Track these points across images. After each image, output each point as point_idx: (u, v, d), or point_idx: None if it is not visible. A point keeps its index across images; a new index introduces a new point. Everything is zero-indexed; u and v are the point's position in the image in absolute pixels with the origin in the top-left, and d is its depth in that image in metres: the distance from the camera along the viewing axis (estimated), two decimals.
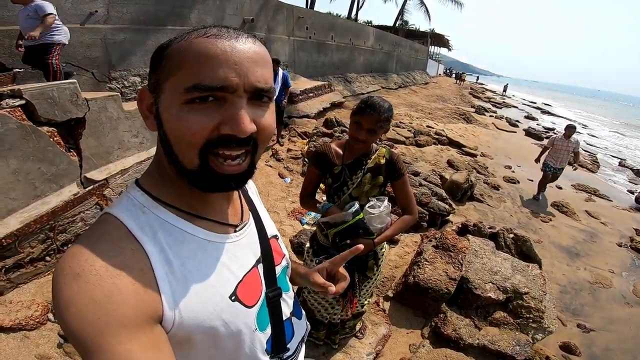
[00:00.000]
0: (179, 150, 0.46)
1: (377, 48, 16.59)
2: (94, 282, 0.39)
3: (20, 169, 2.39)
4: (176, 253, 0.49)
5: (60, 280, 0.40)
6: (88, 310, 0.38)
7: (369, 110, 1.38)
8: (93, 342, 0.37)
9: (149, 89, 0.49)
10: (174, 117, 0.44)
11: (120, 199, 0.52)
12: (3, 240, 2.13)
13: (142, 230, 0.47)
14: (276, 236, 0.75)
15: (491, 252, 2.91)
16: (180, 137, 0.45)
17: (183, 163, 0.47)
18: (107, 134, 3.25)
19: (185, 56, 0.43)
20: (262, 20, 8.51)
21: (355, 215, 1.41)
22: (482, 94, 25.48)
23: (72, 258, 0.41)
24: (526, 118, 17.85)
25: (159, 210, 0.50)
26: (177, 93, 0.44)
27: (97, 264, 0.41)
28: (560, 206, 5.83)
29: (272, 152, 5.44)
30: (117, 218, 0.47)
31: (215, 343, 0.53)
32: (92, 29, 4.82)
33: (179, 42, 0.45)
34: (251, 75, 0.45)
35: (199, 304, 0.49)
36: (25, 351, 1.90)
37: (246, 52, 0.45)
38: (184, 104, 0.44)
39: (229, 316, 0.53)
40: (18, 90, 2.47)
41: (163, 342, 0.44)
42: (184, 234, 0.51)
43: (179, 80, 0.44)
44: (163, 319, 0.45)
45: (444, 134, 8.79)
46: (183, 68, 0.43)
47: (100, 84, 5.05)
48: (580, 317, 3.24)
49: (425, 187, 4.59)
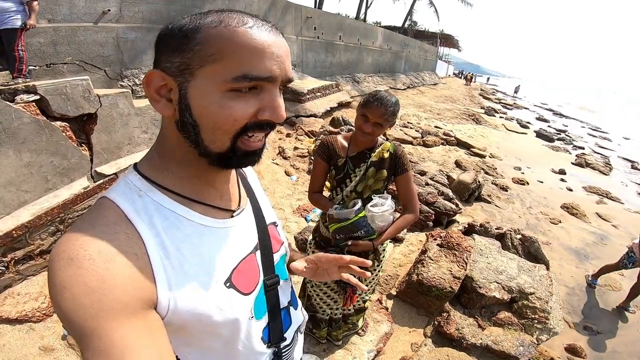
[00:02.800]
0: (212, 135, 0.47)
1: (385, 48, 16.54)
2: (88, 267, 0.39)
3: (33, 162, 2.46)
4: (172, 238, 0.49)
5: (55, 265, 0.40)
6: (82, 295, 0.38)
7: (376, 103, 1.39)
8: (87, 326, 0.37)
9: (169, 72, 0.46)
10: (216, 104, 0.45)
11: (117, 183, 0.51)
12: (14, 232, 2.19)
13: (137, 214, 0.47)
14: (275, 223, 0.74)
15: (497, 251, 2.88)
16: (219, 123, 0.46)
17: (210, 146, 0.48)
18: (117, 130, 3.32)
19: (231, 45, 0.43)
20: (270, 19, 8.50)
21: (357, 213, 1.41)
22: (492, 95, 25.18)
23: (66, 243, 0.41)
24: (537, 120, 17.56)
25: (155, 194, 0.50)
26: (220, 81, 0.44)
27: (91, 249, 0.40)
28: (570, 208, 5.73)
29: (279, 150, 5.47)
30: (114, 202, 0.47)
31: (211, 330, 0.53)
32: (105, 27, 4.92)
33: (216, 28, 0.44)
34: (287, 68, 0.49)
35: (194, 289, 0.49)
36: (30, 342, 1.94)
37: (283, 46, 0.48)
38: (227, 92, 0.45)
39: (224, 303, 0.53)
40: (32, 86, 2.54)
41: (158, 327, 0.43)
42: (180, 219, 0.51)
43: (222, 68, 0.44)
44: (158, 304, 0.45)
45: (452, 134, 8.71)
46: (228, 57, 0.43)
47: (112, 82, 5.15)
48: (587, 320, 3.19)
49: (432, 187, 4.56)
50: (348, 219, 1.41)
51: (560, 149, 10.84)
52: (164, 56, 0.47)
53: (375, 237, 1.46)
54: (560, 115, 21.99)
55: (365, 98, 1.46)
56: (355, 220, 1.41)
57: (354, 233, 1.42)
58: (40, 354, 1.89)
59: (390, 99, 1.42)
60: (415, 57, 21.93)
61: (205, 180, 0.56)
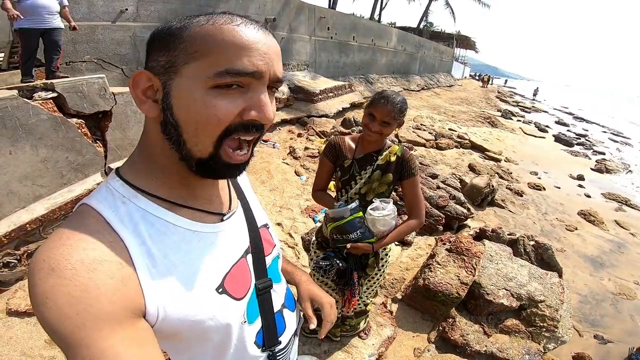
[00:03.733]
0: (194, 136, 0.45)
1: (399, 49, 16.40)
2: (70, 277, 0.38)
3: (49, 157, 2.54)
4: (158, 245, 0.47)
5: (36, 275, 0.38)
6: (66, 305, 0.37)
7: (383, 101, 1.37)
8: (74, 337, 0.37)
9: (153, 72, 0.46)
10: (198, 102, 0.43)
11: (99, 189, 0.49)
12: (28, 225, 2.26)
13: (121, 221, 0.45)
14: (266, 225, 0.72)
15: (508, 258, 2.81)
16: (202, 122, 0.44)
17: (192, 150, 0.46)
18: (131, 127, 3.39)
19: (216, 42, 0.43)
20: (284, 20, 8.62)
21: (352, 212, 1.38)
22: (509, 98, 24.60)
23: (47, 252, 0.40)
24: (557, 123, 17.06)
25: (140, 201, 0.48)
26: (204, 77, 0.43)
27: (73, 258, 0.39)
28: (587, 215, 5.56)
29: (289, 150, 5.49)
30: (95, 209, 0.45)
31: (203, 336, 0.52)
32: (122, 26, 5.04)
33: (203, 26, 0.43)
34: (276, 66, 0.47)
35: (184, 297, 0.48)
36: (36, 336, 1.97)
37: (272, 44, 0.47)
38: (210, 89, 0.43)
39: (216, 309, 0.52)
40: (50, 84, 2.62)
41: (147, 336, 0.43)
42: (167, 225, 0.49)
43: (206, 64, 0.43)
44: (146, 312, 0.44)
45: (466, 137, 8.56)
46: (213, 53, 0.43)
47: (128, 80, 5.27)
48: (599, 328, 3.09)
49: (443, 190, 4.49)
50: (343, 217, 1.39)
51: (580, 154, 10.52)
52: (151, 56, 0.46)
53: (375, 240, 1.44)
54: (581, 119, 21.34)
55: (371, 97, 1.45)
56: (350, 220, 1.38)
57: (348, 234, 1.39)
58: (45, 347, 1.92)
59: (397, 97, 1.40)
60: (431, 59, 21.68)
61: (192, 185, 0.55)
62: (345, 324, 1.99)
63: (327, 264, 1.51)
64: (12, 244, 2.20)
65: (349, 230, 1.39)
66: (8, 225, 2.19)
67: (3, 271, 2.17)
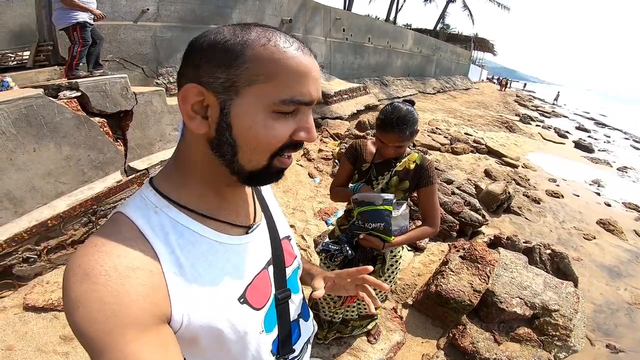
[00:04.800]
0: (250, 154, 0.48)
1: (415, 51, 16.24)
2: (103, 283, 0.39)
3: (71, 155, 2.61)
4: (187, 255, 0.49)
5: (70, 280, 0.40)
6: (96, 310, 0.38)
7: (390, 128, 1.34)
8: (101, 342, 0.38)
9: (210, 88, 0.45)
10: (260, 124, 0.45)
11: (133, 198, 0.51)
12: (49, 221, 2.31)
13: (153, 230, 0.47)
14: (288, 237, 0.74)
15: (523, 266, 2.76)
16: (261, 143, 0.47)
17: (245, 165, 0.49)
18: (151, 127, 3.45)
19: (280, 67, 0.44)
20: (300, 21, 8.65)
21: (385, 203, 1.35)
22: (529, 102, 24.03)
23: (82, 257, 0.41)
24: (577, 129, 16.58)
25: (171, 211, 0.50)
26: (268, 102, 0.45)
27: (107, 265, 0.41)
28: (606, 224, 5.41)
29: (303, 152, 5.50)
30: (129, 218, 0.47)
31: (221, 344, 0.54)
32: (144, 26, 5.14)
33: (266, 47, 0.44)
34: (320, 91, 0.51)
35: (207, 306, 0.49)
36: (52, 331, 1.98)
37: (319, 69, 0.50)
38: (272, 113, 0.46)
39: (237, 319, 0.53)
40: (75, 83, 2.70)
41: (171, 342, 0.44)
42: (195, 235, 0.51)
43: (271, 89, 0.44)
44: (171, 320, 0.45)
45: (483, 142, 8.40)
46: (278, 79, 0.44)
47: (148, 80, 5.38)
48: (612, 338, 3.03)
49: (458, 196, 4.42)
50: (373, 203, 1.35)
51: (601, 161, 10.19)
52: (203, 70, 0.45)
53: (392, 240, 1.42)
54: (603, 125, 20.68)
55: (379, 119, 1.39)
56: (379, 209, 1.34)
57: (374, 223, 1.35)
58: (59, 343, 1.93)
59: (404, 118, 1.33)
60: (447, 61, 21.39)
61: (222, 197, 0.57)
62: (348, 325, 1.97)
63: (337, 249, 1.49)
64: (32, 239, 2.25)
65: (374, 219, 1.35)
66: (29, 221, 2.25)
67: (22, 266, 2.22)
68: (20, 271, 2.22)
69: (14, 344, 1.87)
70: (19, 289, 2.23)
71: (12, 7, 6.24)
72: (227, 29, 0.46)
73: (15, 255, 2.18)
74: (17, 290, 2.22)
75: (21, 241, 2.18)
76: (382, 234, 1.38)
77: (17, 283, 2.23)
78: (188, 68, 0.46)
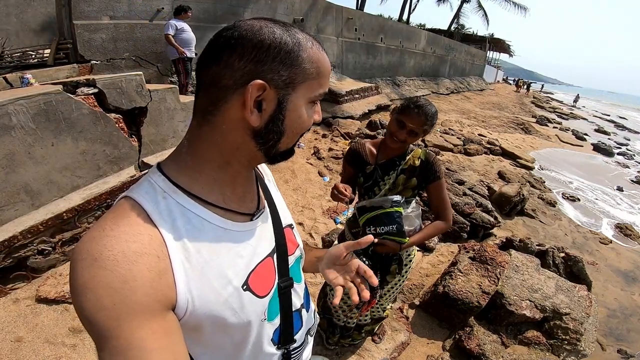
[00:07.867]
0: (289, 139, 0.54)
1: (428, 52, 16.04)
2: (111, 268, 0.39)
3: (88, 150, 2.68)
4: (193, 241, 0.49)
5: (78, 265, 0.40)
6: (104, 296, 0.38)
7: (416, 110, 1.32)
8: (107, 327, 0.38)
9: (273, 84, 0.47)
10: (303, 114, 0.53)
11: (141, 183, 0.51)
12: (64, 214, 2.36)
13: (160, 215, 0.47)
14: (291, 225, 0.74)
15: (534, 269, 2.69)
16: (303, 128, 0.55)
17: (281, 147, 0.54)
18: (164, 123, 3.51)
19: (322, 67, 0.52)
20: (311, 20, 8.65)
21: (394, 205, 1.32)
22: (546, 104, 23.47)
23: (90, 242, 0.41)
24: (596, 131, 16.14)
25: (179, 196, 0.50)
26: (310, 95, 0.52)
27: (115, 250, 0.41)
28: (624, 228, 5.26)
29: (313, 151, 5.50)
30: (137, 202, 0.47)
31: (224, 331, 0.54)
32: (159, 25, 5.23)
33: (312, 50, 0.51)
34: None
35: (212, 292, 0.50)
36: (62, 323, 2.00)
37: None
38: (309, 103, 0.53)
39: (240, 305, 0.53)
40: (92, 80, 2.76)
41: (175, 328, 0.44)
42: (202, 222, 0.51)
43: (315, 85, 0.52)
44: (176, 306, 0.45)
45: (497, 143, 8.26)
46: (319, 77, 0.52)
47: (163, 78, 5.47)
48: (624, 343, 2.98)
49: (470, 197, 4.35)
50: (382, 207, 1.32)
51: (620, 164, 9.89)
52: (268, 67, 0.47)
53: (406, 241, 1.38)
54: (623, 128, 20.02)
55: (403, 103, 1.39)
56: (390, 212, 1.31)
57: (385, 226, 1.32)
58: (68, 335, 1.94)
59: (431, 108, 1.34)
60: (461, 62, 21.06)
61: (234, 182, 0.57)
62: (362, 331, 1.95)
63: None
64: (48, 231, 2.30)
65: (385, 223, 1.32)
66: (45, 213, 2.30)
67: (37, 258, 2.26)
68: (34, 263, 2.26)
69: (24, 336, 1.89)
70: (32, 281, 2.25)
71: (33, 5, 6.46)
72: (279, 29, 0.48)
73: (31, 247, 2.22)
74: (30, 282, 2.25)
75: (37, 233, 2.23)
76: (395, 236, 1.35)
77: (31, 275, 2.26)
78: (242, 62, 0.46)
